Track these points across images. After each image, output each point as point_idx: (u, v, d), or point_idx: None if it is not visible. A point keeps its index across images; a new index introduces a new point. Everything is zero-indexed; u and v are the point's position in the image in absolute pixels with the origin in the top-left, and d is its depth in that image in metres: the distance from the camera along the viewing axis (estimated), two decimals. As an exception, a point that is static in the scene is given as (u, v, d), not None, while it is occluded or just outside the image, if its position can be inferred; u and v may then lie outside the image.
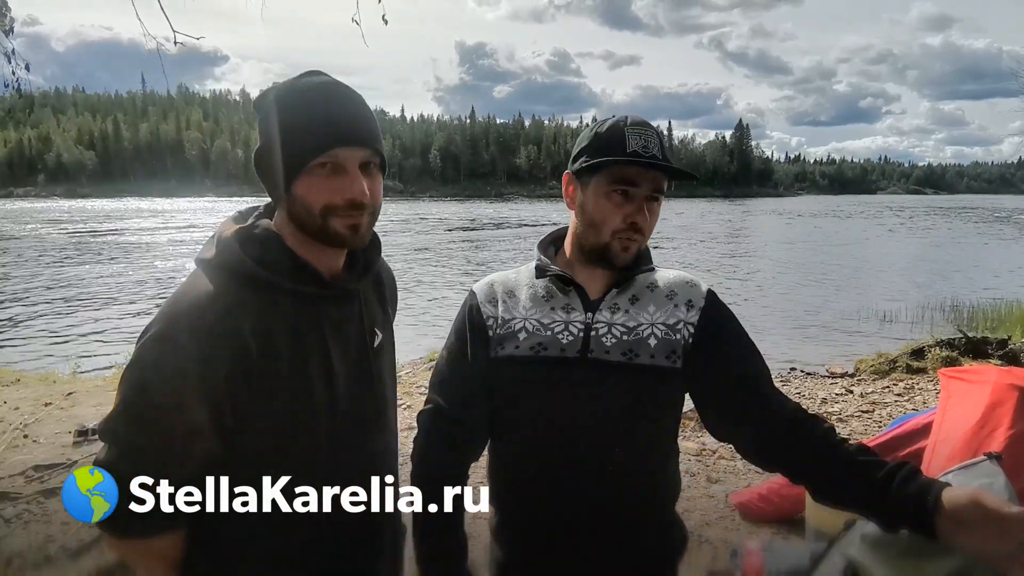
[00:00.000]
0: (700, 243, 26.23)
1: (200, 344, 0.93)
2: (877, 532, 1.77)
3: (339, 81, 1.03)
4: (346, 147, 0.98)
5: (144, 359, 0.95)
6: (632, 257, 1.20)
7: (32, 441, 4.22)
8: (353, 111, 1.01)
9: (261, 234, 1.03)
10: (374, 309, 1.17)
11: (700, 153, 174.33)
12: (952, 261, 20.91)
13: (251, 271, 0.98)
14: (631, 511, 1.15)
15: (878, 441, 2.90)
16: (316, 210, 0.99)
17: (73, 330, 10.53)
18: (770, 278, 16.48)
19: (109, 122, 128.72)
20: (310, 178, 0.98)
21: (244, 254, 0.99)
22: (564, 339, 1.17)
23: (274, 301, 0.99)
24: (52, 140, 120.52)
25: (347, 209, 0.99)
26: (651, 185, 1.15)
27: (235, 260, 0.99)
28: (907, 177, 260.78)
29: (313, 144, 0.97)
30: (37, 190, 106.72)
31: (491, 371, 1.21)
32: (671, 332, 1.17)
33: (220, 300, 0.96)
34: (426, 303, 12.45)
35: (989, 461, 1.79)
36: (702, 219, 45.36)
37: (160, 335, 0.95)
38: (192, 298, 0.97)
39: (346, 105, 1.01)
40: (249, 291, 0.98)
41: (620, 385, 1.14)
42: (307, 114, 0.98)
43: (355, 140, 0.99)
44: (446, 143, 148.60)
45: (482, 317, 1.24)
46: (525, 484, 1.18)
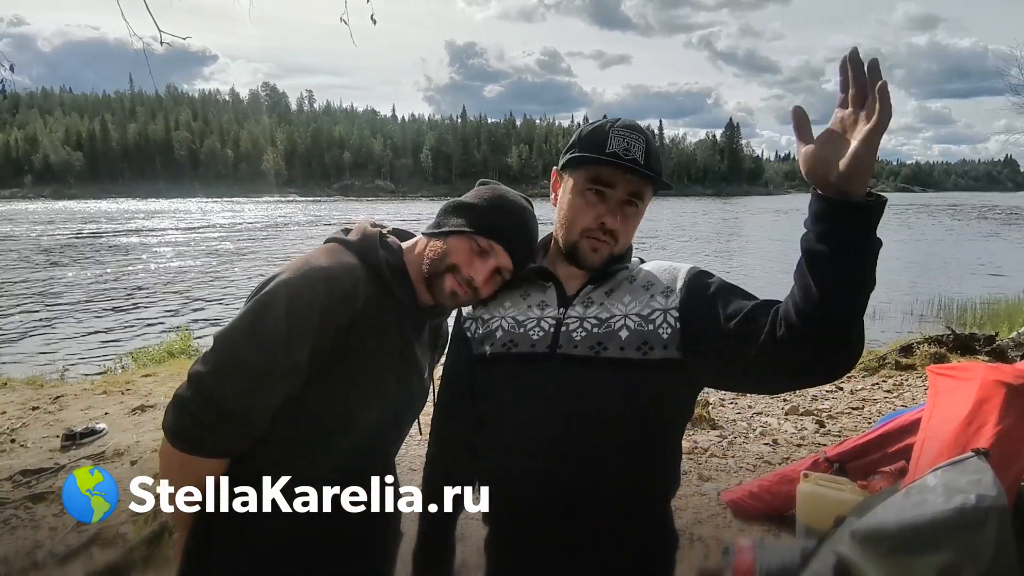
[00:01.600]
0: (692, 241, 26.32)
1: (331, 299, 1.10)
2: (866, 529, 1.78)
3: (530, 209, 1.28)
4: (503, 247, 1.21)
5: (279, 292, 1.09)
6: (602, 260, 1.18)
7: (19, 445, 4.18)
8: (524, 234, 1.25)
9: (392, 244, 1.26)
10: (432, 345, 1.36)
11: (691, 152, 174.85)
12: (941, 258, 21.10)
13: (380, 264, 1.19)
14: (611, 509, 1.12)
15: (867, 438, 2.92)
16: (445, 263, 1.20)
17: (60, 333, 10.44)
18: (760, 276, 16.56)
19: (97, 122, 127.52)
20: (462, 242, 1.20)
21: (381, 249, 1.21)
22: (535, 335, 1.16)
23: (379, 297, 1.17)
24: (39, 141, 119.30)
25: (463, 276, 1.20)
26: (627, 188, 1.14)
27: (372, 250, 1.20)
28: (895, 175, 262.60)
29: (488, 228, 1.20)
30: (24, 191, 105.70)
31: (473, 370, 1.22)
32: (644, 323, 1.12)
33: (355, 272, 1.15)
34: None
35: (977, 457, 1.81)
36: (692, 217, 45.51)
37: (299, 278, 1.10)
38: (332, 261, 1.15)
39: (525, 226, 1.25)
40: (368, 279, 1.17)
41: (587, 379, 1.11)
42: (501, 210, 1.23)
43: (512, 249, 1.22)
44: (437, 143, 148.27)
45: (464, 318, 1.28)
46: (505, 483, 1.17)
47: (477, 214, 1.21)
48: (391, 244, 1.26)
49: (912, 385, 5.68)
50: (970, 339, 6.49)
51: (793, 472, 2.97)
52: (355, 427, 1.17)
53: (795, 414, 5.02)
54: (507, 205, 1.23)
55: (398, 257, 1.24)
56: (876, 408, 5.14)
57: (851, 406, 5.23)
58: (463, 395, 1.25)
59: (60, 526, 3.01)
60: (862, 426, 4.61)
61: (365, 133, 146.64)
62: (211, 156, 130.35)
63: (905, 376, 6.01)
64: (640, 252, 1.30)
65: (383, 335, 1.17)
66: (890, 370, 6.20)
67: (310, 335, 1.08)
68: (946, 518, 1.58)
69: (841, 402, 5.35)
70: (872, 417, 4.84)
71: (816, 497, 2.58)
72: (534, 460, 1.12)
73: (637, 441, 1.12)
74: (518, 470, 1.14)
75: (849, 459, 2.89)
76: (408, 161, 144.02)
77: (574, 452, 1.10)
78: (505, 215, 1.22)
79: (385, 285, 1.19)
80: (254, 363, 1.05)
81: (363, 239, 1.22)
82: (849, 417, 4.96)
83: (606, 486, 1.12)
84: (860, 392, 5.63)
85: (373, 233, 1.24)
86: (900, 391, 5.62)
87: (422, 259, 1.23)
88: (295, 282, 1.09)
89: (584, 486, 1.11)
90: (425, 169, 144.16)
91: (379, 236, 1.25)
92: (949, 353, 6.28)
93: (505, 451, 1.16)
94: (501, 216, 1.21)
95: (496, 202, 1.23)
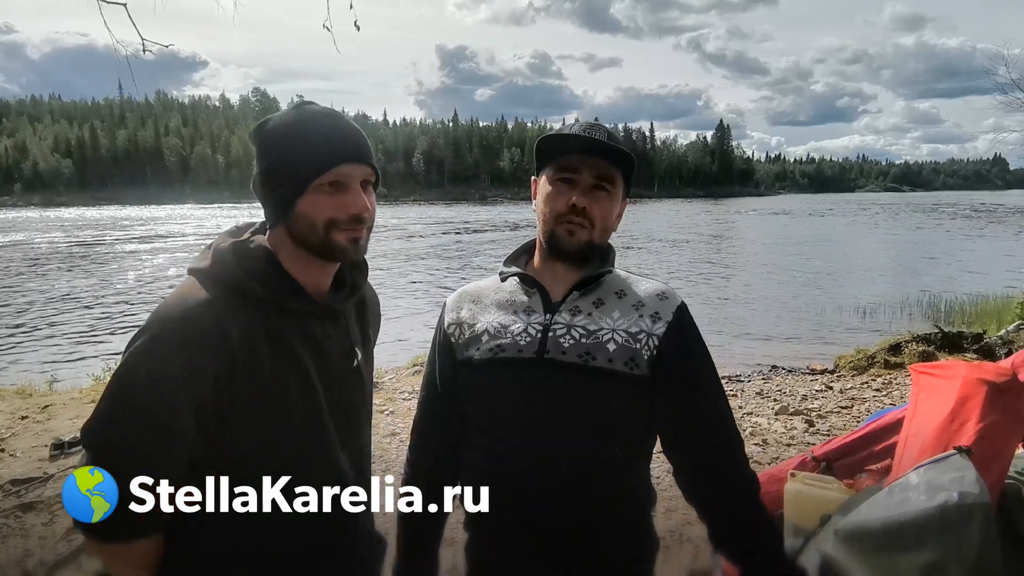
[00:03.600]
0: (683, 243, 26.40)
1: (191, 351, 0.98)
2: (850, 527, 1.80)
3: (334, 109, 1.13)
4: (349, 164, 1.07)
5: (135, 364, 0.99)
6: (581, 245, 1.19)
7: (9, 455, 4.16)
8: (353, 132, 1.10)
9: (255, 249, 1.09)
10: (356, 330, 1.22)
11: (682, 153, 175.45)
12: (930, 256, 21.25)
13: (244, 282, 1.04)
14: (591, 516, 1.14)
15: (852, 437, 2.93)
16: (320, 225, 1.05)
17: (49, 342, 10.36)
18: (752, 276, 16.63)
19: (86, 129, 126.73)
20: (315, 196, 1.05)
21: (239, 266, 1.05)
22: (522, 340, 1.17)
23: (262, 313, 1.05)
24: (28, 149, 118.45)
25: (349, 223, 1.07)
26: (593, 172, 1.18)
27: (229, 271, 1.04)
28: (885, 175, 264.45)
29: (319, 163, 1.05)
30: (13, 199, 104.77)
31: (456, 376, 1.23)
32: (632, 340, 1.16)
33: (212, 308, 1.01)
34: (412, 310, 12.41)
35: (959, 455, 1.82)
36: (684, 218, 45.67)
37: (152, 340, 0.99)
38: (186, 306, 1.01)
39: (347, 127, 1.10)
40: (240, 301, 1.03)
41: (576, 386, 1.13)
42: (313, 136, 1.06)
43: (357, 158, 1.08)
44: (429, 147, 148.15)
45: (446, 324, 1.29)
46: (489, 487, 1.16)
47: (297, 159, 1.05)
48: (254, 249, 1.09)
49: (901, 384, 5.73)
50: (958, 337, 6.56)
51: (781, 472, 2.97)
52: (283, 456, 1.07)
53: (785, 414, 5.06)
54: (305, 124, 1.08)
55: (266, 260, 1.08)
56: (865, 407, 5.18)
57: (840, 405, 5.27)
58: (445, 400, 1.26)
59: (50, 535, 3.00)
60: (851, 425, 4.65)
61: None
62: (202, 162, 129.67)
63: (894, 375, 6.06)
64: (633, 253, 1.31)
65: (281, 355, 1.05)
66: (879, 369, 6.26)
67: (183, 403, 0.98)
68: (929, 516, 1.59)
69: (830, 401, 5.39)
70: (861, 416, 4.87)
71: (803, 496, 2.58)
72: (521, 463, 1.13)
73: (622, 449, 1.16)
74: (504, 474, 1.15)
75: (836, 458, 2.90)
76: (400, 165, 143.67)
77: (561, 456, 1.12)
78: (314, 132, 1.06)
79: (261, 301, 1.05)
80: (136, 446, 0.98)
81: (216, 262, 1.05)
82: (838, 416, 5.00)
83: (592, 491, 1.13)
84: (849, 391, 5.68)
85: (226, 249, 1.07)
86: (889, 390, 5.66)
87: (294, 248, 1.09)
88: (149, 349, 0.98)
89: (571, 490, 1.12)
90: (417, 173, 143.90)
91: (238, 246, 1.08)
92: (937, 351, 6.34)
93: (490, 455, 1.17)
94: (311, 137, 1.06)
95: (295, 131, 1.07)
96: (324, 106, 1.12)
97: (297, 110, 1.10)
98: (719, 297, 13.16)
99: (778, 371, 6.88)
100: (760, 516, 1.19)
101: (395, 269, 18.45)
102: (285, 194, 1.06)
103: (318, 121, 1.08)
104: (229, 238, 1.11)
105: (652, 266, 17.69)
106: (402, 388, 5.63)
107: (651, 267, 17.40)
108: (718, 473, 1.18)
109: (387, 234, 32.26)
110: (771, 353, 8.01)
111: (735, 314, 11.25)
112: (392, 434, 4.41)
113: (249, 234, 1.14)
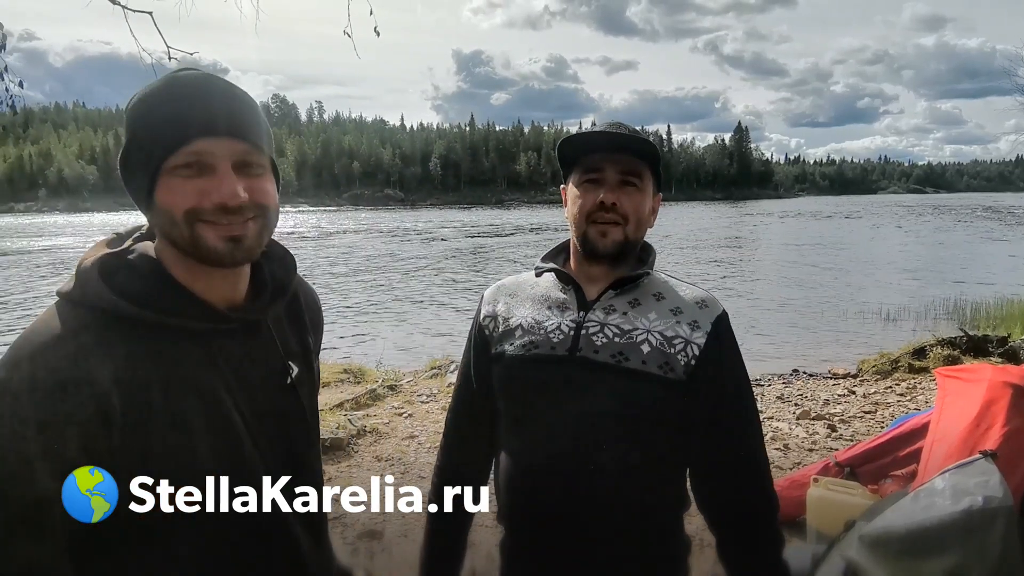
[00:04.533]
0: (701, 245, 26.23)
1: (43, 402, 0.76)
2: (875, 533, 1.78)
3: (212, 74, 0.88)
4: (209, 138, 0.83)
5: None
6: (616, 245, 1.17)
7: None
8: (220, 100, 0.85)
9: (134, 260, 0.87)
10: (289, 340, 1.01)
11: (700, 156, 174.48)
12: (955, 259, 20.90)
13: (114, 306, 0.82)
14: (628, 513, 1.13)
15: (878, 442, 2.91)
16: (179, 217, 0.83)
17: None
18: (773, 279, 16.47)
19: (110, 136, 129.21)
20: (170, 180, 0.83)
21: (106, 286, 0.83)
22: (555, 337, 1.17)
23: (146, 341, 0.83)
24: (53, 155, 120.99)
25: (217, 215, 0.83)
26: (618, 168, 1.17)
27: (93, 294, 0.83)
28: (907, 176, 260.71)
29: (171, 138, 0.82)
30: (39, 205, 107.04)
31: (490, 370, 1.23)
32: (667, 344, 1.14)
33: (70, 344, 0.79)
34: (429, 313, 12.47)
35: (984, 459, 1.81)
36: (702, 222, 45.38)
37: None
38: (38, 343, 0.79)
39: (212, 93, 0.85)
40: (114, 331, 0.82)
41: (608, 386, 1.12)
42: (165, 107, 0.83)
43: (221, 131, 0.83)
44: (446, 151, 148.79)
45: (482, 317, 1.28)
46: (522, 483, 1.17)
47: (149, 136, 0.83)
48: (132, 261, 0.87)
49: (925, 388, 5.64)
50: (983, 341, 6.45)
51: (803, 477, 2.96)
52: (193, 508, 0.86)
53: (807, 419, 5.00)
54: (166, 92, 0.84)
55: (150, 270, 0.87)
56: (889, 411, 5.11)
57: (864, 410, 5.20)
58: (481, 396, 1.26)
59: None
60: (875, 430, 4.59)
61: (374, 143, 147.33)
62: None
63: (918, 379, 5.97)
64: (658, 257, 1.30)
65: (178, 388, 0.84)
66: (903, 373, 6.17)
67: (40, 463, 0.77)
68: (954, 521, 1.58)
69: (853, 406, 5.32)
70: (885, 421, 4.81)
71: (826, 502, 2.57)
72: (552, 460, 1.13)
73: (655, 451, 1.15)
74: (536, 470, 1.15)
75: (860, 463, 2.88)
76: (417, 170, 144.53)
77: (591, 455, 1.12)
78: (172, 100, 0.84)
79: (140, 324, 0.83)
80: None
81: (78, 283, 0.84)
82: (861, 421, 4.93)
83: (624, 490, 1.13)
84: (873, 396, 5.60)
85: (90, 266, 0.85)
86: (913, 394, 5.58)
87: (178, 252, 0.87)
88: None
89: (600, 489, 1.12)
90: (434, 177, 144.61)
91: (107, 260, 0.86)
92: (962, 355, 6.24)
93: (523, 451, 1.17)
94: (167, 107, 0.83)
95: (151, 102, 0.84)
96: (199, 71, 0.88)
97: (165, 78, 0.86)
98: (738, 299, 13.05)
99: (799, 375, 6.80)
100: (772, 546, 1.19)
101: (414, 274, 18.54)
102: (141, 181, 0.84)
103: (179, 87, 0.84)
104: (100, 250, 0.89)
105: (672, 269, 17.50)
106: (420, 391, 5.66)
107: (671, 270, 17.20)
108: (736, 491, 1.17)
109: (416, 237, 32.44)
110: (792, 357, 7.93)
111: (754, 317, 11.14)
112: (411, 437, 4.43)
113: (132, 241, 0.92)
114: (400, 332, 10.13)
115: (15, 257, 25.09)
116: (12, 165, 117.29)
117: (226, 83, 0.87)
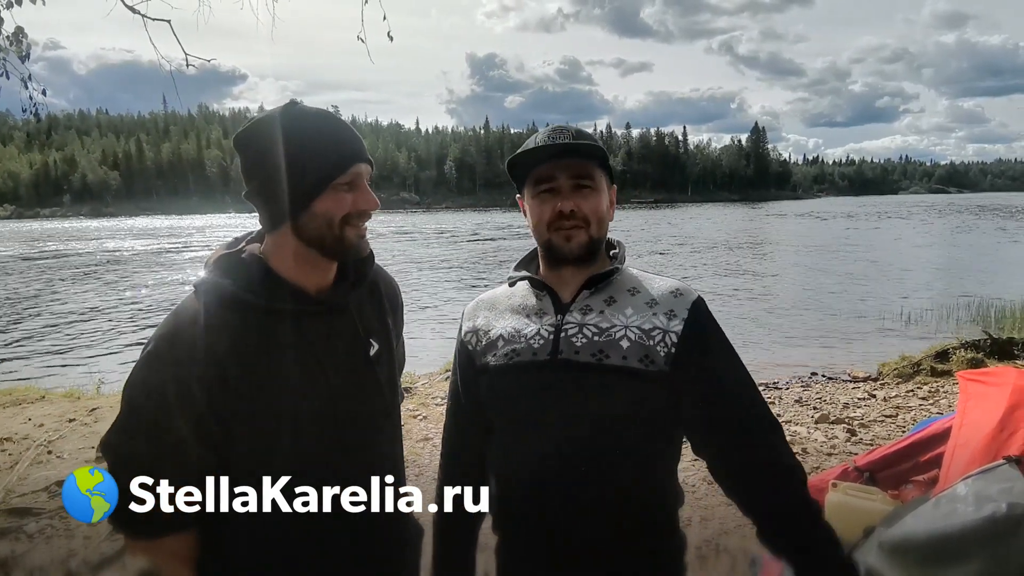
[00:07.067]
0: (718, 247, 26.02)
1: (179, 364, 1.04)
2: (895, 540, 1.74)
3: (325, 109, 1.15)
4: (361, 163, 1.12)
5: (134, 377, 1.08)
6: (581, 247, 1.19)
7: (56, 457, 4.29)
8: (354, 133, 1.13)
9: (246, 258, 1.13)
10: (370, 319, 1.22)
11: (716, 157, 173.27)
12: (979, 260, 20.52)
13: (231, 293, 1.08)
14: (614, 514, 1.13)
15: (897, 447, 2.84)
16: (336, 220, 1.09)
17: (98, 347, 10.72)
18: (790, 280, 16.30)
19: (132, 142, 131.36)
20: (334, 194, 1.09)
21: (225, 278, 1.09)
22: (536, 343, 1.18)
23: (252, 320, 1.08)
24: (77, 161, 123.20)
25: (358, 219, 1.12)
26: (569, 173, 1.18)
27: (216, 284, 1.09)
28: (929, 176, 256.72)
29: (338, 163, 1.09)
30: (63, 210, 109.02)
31: (478, 384, 1.25)
32: (645, 337, 1.14)
33: (199, 322, 1.06)
34: (444, 315, 12.49)
35: (1008, 465, 1.75)
36: (718, 224, 45.05)
37: (147, 355, 1.07)
38: (177, 321, 1.08)
39: (348, 128, 1.13)
40: (230, 312, 1.08)
41: (591, 386, 1.13)
42: (325, 137, 1.09)
43: (366, 157, 1.13)
44: (461, 154, 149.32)
45: (463, 333, 1.30)
46: (513, 489, 1.18)
47: (314, 160, 1.08)
48: (243, 259, 1.12)
49: (948, 392, 5.52)
50: (1008, 344, 6.31)
51: (822, 482, 2.90)
52: (281, 456, 1.09)
53: (825, 422, 4.92)
54: (312, 125, 1.10)
55: (256, 265, 1.11)
56: (911, 416, 5.01)
57: (884, 414, 5.11)
58: (471, 407, 1.28)
59: (94, 535, 3.08)
60: (895, 434, 4.50)
61: (390, 146, 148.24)
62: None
63: (941, 383, 5.85)
64: (665, 259, 1.29)
65: (275, 358, 1.08)
66: (925, 376, 6.05)
67: (177, 412, 1.04)
68: (976, 527, 1.54)
69: (874, 410, 5.23)
70: (906, 425, 4.72)
71: (845, 507, 2.52)
72: (541, 465, 1.14)
73: (644, 448, 1.15)
74: (526, 476, 1.15)
75: (880, 468, 2.82)
76: (432, 173, 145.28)
77: (581, 456, 1.12)
78: (324, 133, 1.10)
79: (249, 307, 1.08)
80: (144, 455, 1.06)
81: (206, 276, 1.11)
82: (882, 425, 4.84)
83: (614, 490, 1.13)
84: (894, 399, 5.50)
85: (214, 263, 1.12)
86: (936, 398, 5.47)
87: (297, 248, 1.11)
88: (145, 365, 1.06)
89: (592, 490, 1.12)
90: (449, 180, 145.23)
91: (226, 259, 1.13)
92: (986, 358, 6.10)
93: (512, 458, 1.18)
94: (323, 137, 1.09)
95: (304, 133, 1.09)
96: (312, 106, 1.13)
97: (289, 113, 1.09)
98: (755, 301, 12.93)
99: (817, 378, 6.70)
100: (807, 508, 1.12)
101: (429, 276, 18.60)
102: (300, 195, 1.08)
103: (322, 122, 1.11)
104: (222, 251, 1.16)
105: (686, 271, 17.51)
106: (435, 393, 5.66)
107: (685, 272, 17.21)
108: (756, 465, 1.14)
109: (431, 239, 32.56)
110: (810, 360, 7.82)
111: (772, 319, 11.04)
112: (425, 439, 4.44)
113: (245, 243, 1.18)
114: (415, 335, 10.15)
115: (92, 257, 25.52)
116: (38, 172, 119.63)
117: (340, 117, 1.17)
